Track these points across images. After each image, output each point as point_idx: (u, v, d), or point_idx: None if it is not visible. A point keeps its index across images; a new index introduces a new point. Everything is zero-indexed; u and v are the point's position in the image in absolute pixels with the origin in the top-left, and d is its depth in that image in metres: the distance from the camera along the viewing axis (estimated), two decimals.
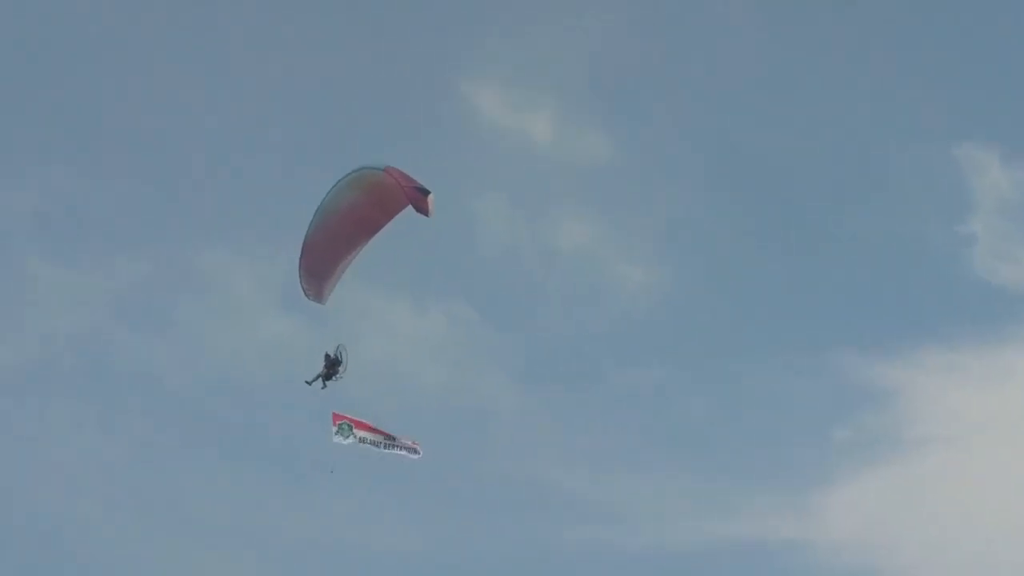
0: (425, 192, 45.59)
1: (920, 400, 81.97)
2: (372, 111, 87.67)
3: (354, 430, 48.97)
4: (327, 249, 48.04)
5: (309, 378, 49.28)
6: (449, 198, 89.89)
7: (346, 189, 47.46)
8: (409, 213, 45.94)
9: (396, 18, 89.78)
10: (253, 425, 75.20)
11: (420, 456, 49.94)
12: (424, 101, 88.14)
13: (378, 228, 47.83)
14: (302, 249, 48.30)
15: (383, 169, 46.32)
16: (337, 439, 48.75)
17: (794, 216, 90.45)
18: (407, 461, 49.81)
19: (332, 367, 49.19)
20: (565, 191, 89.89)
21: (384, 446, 49.42)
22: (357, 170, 47.14)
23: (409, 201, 45.55)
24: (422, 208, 45.44)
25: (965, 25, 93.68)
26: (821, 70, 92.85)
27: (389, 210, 47.08)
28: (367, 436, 49.16)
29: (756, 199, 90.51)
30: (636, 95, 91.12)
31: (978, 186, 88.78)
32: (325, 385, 49.33)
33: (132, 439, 74.33)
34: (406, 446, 49.65)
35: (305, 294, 48.79)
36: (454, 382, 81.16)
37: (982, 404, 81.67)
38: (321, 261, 48.27)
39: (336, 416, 48.99)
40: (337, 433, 48.82)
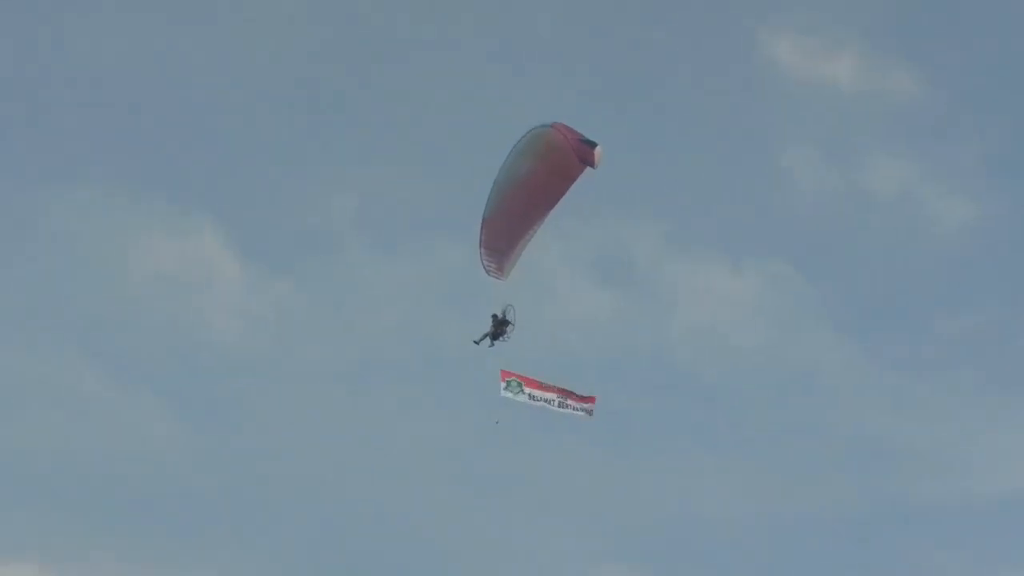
0: (592, 144, 44.41)
1: None
2: (673, 71, 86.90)
3: (524, 387, 48.27)
4: (507, 223, 46.77)
5: (476, 338, 48.72)
6: (757, 153, 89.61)
7: (520, 157, 46.01)
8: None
9: None
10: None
11: (592, 416, 48.86)
12: (723, 56, 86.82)
13: (558, 197, 46.15)
14: (482, 224, 47.10)
15: (551, 125, 45.18)
16: (506, 394, 48.03)
17: None
18: (584, 421, 49.44)
19: (500, 327, 48.35)
20: (875, 133, 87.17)
21: (557, 404, 48.59)
22: (528, 132, 45.84)
23: (575, 154, 44.40)
24: (588, 159, 44.30)
25: None
26: None
27: (567, 175, 45.48)
28: (537, 394, 48.37)
29: None
30: (935, 26, 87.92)
31: None
32: (492, 344, 48.46)
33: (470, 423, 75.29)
34: (581, 405, 48.76)
35: (486, 271, 47.67)
36: (776, 340, 79.76)
37: None
38: (502, 236, 47.05)
39: (504, 373, 48.26)
40: (506, 389, 48.12)
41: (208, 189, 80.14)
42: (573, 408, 48.63)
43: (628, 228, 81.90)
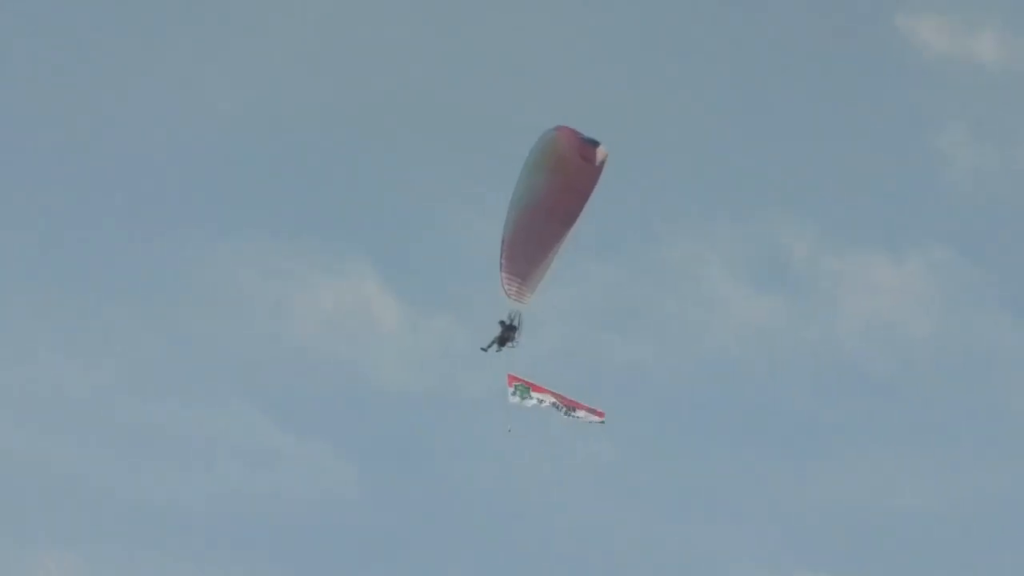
0: (594, 143, 43.89)
1: None
2: (814, 63, 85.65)
3: (531, 392, 47.03)
4: (526, 245, 45.27)
5: (484, 345, 47.45)
6: (908, 138, 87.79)
7: (533, 174, 44.51)
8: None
9: None
10: (749, 405, 74.32)
11: (604, 422, 47.61)
12: (864, 42, 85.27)
13: (575, 216, 44.67)
14: (501, 248, 45.57)
15: (555, 129, 44.24)
16: (514, 400, 46.81)
17: None
18: (595, 426, 48.35)
19: (508, 332, 47.23)
20: None
21: (565, 411, 47.19)
22: (538, 140, 44.60)
23: (578, 155, 43.64)
24: (589, 158, 43.67)
25: None
26: None
27: (580, 189, 44.25)
28: (546, 399, 47.15)
29: None
30: None
31: None
32: (500, 350, 47.27)
33: (632, 436, 74.55)
34: (588, 412, 47.52)
35: (506, 294, 46.24)
36: (948, 327, 77.75)
37: None
38: (522, 259, 45.61)
39: (511, 378, 47.08)
40: (514, 394, 46.91)
41: (360, 228, 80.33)
42: (582, 416, 48.06)
43: (782, 227, 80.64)
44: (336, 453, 71.34)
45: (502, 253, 45.52)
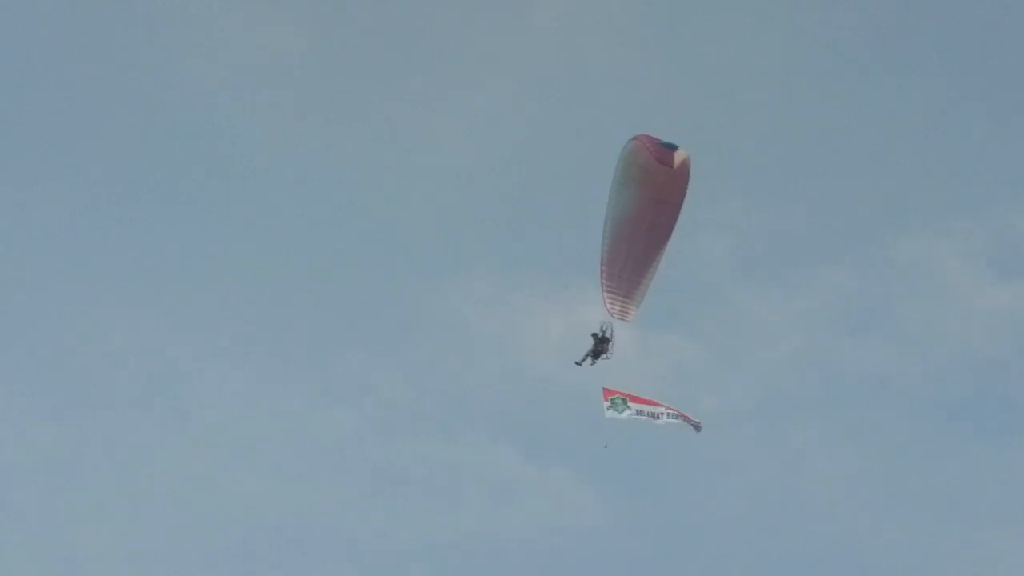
0: (671, 147, 43.55)
1: None
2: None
3: (628, 403, 45.99)
4: (624, 264, 45.13)
5: (578, 359, 46.90)
6: None
7: (621, 188, 44.28)
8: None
9: None
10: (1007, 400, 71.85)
11: (701, 430, 46.72)
12: None
13: (670, 227, 44.52)
14: (600, 268, 45.35)
15: (633, 138, 43.95)
16: (610, 414, 45.90)
17: None
18: (691, 433, 46.54)
19: (600, 344, 46.74)
20: None
21: (665, 416, 46.31)
22: (620, 153, 44.34)
23: (656, 160, 43.28)
24: (667, 161, 43.30)
25: None
26: None
27: (670, 199, 44.00)
28: (644, 408, 46.15)
29: None
30: None
31: None
32: (594, 363, 46.66)
33: (884, 442, 72.56)
34: (686, 419, 46.59)
35: (610, 314, 45.90)
36: None
37: None
38: (623, 278, 45.44)
39: (607, 391, 46.29)
40: (610, 408, 45.92)
41: (578, 250, 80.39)
42: (681, 421, 46.39)
43: (1017, 215, 77.92)
44: (579, 480, 71.47)
45: (601, 272, 45.37)
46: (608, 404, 46.42)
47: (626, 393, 46.65)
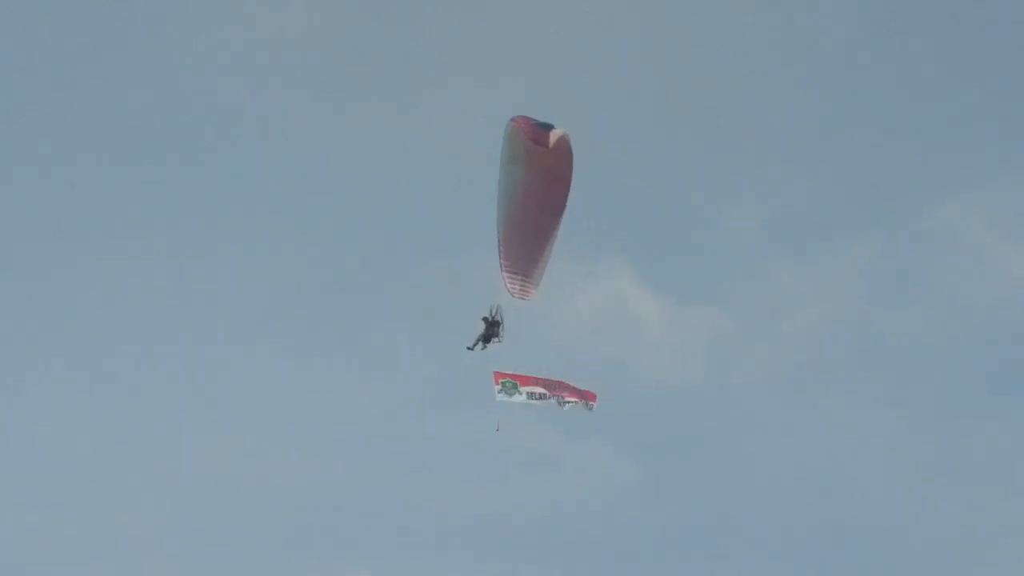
0: (547, 127, 43.30)
1: None
2: None
3: (519, 388, 45.45)
4: (522, 244, 44.65)
5: (469, 344, 46.22)
6: None
7: (508, 168, 44.02)
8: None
9: None
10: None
11: (595, 408, 46.03)
12: None
13: (562, 203, 44.29)
14: (498, 249, 44.89)
15: (511, 120, 43.79)
16: (501, 397, 45.25)
17: None
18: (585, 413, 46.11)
19: (491, 328, 46.14)
20: None
21: (558, 401, 45.73)
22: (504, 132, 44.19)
23: (532, 141, 43.18)
24: (542, 141, 43.10)
25: None
26: None
27: (557, 175, 43.85)
28: (536, 391, 45.62)
29: None
30: None
31: None
32: (485, 347, 46.13)
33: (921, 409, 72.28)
34: (581, 398, 46.00)
35: (511, 294, 45.27)
36: None
37: None
38: (520, 257, 44.89)
39: (498, 375, 45.62)
40: (500, 391, 45.33)
41: (608, 225, 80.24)
42: (574, 404, 45.86)
43: None
44: (615, 451, 71.51)
45: (499, 253, 45.00)
46: (499, 388, 45.82)
47: (517, 376, 46.08)
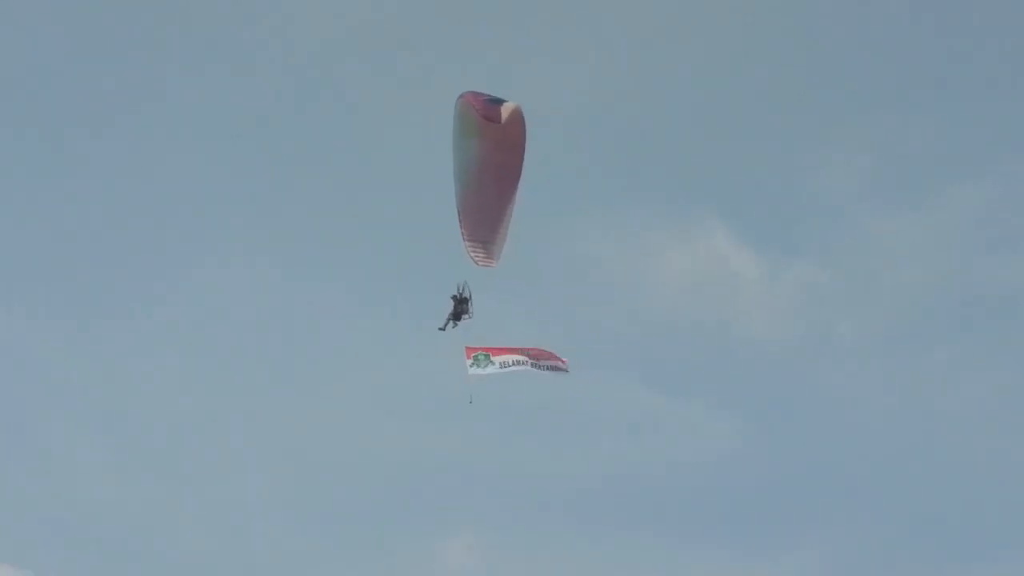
0: (497, 102, 43.46)
1: None
2: None
3: (492, 358, 45.20)
4: (481, 211, 44.86)
5: (440, 324, 46.06)
6: None
7: (463, 140, 44.40)
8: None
9: None
10: None
11: (567, 371, 45.91)
12: None
13: (518, 170, 44.49)
14: (459, 219, 45.23)
15: (460, 97, 44.07)
16: (474, 371, 45.06)
17: None
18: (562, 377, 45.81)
19: (460, 305, 45.88)
20: None
21: (532, 366, 45.52)
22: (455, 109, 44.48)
23: (483, 118, 43.39)
24: (494, 117, 43.20)
25: None
26: None
27: (511, 143, 43.95)
28: (508, 359, 45.38)
29: None
30: None
31: None
32: (456, 325, 45.98)
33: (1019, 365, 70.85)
34: (554, 363, 45.83)
35: (475, 262, 45.43)
36: None
37: None
38: (481, 225, 45.03)
39: (469, 350, 45.41)
40: (473, 365, 45.11)
41: (703, 183, 79.64)
42: (549, 367, 45.75)
43: None
44: (713, 411, 71.20)
45: (460, 223, 45.26)
46: (471, 362, 45.73)
47: (488, 348, 45.99)
